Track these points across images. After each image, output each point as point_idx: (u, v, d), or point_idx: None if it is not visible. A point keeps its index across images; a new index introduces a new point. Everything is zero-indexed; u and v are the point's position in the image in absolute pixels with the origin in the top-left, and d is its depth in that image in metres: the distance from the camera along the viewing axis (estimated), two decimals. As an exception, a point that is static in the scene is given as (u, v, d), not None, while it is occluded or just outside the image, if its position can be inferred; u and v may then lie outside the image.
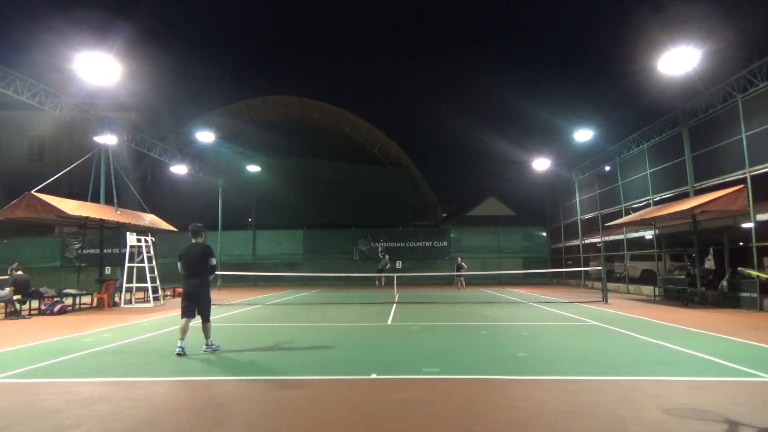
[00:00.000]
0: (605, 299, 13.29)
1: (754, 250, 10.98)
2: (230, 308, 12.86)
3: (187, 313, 6.28)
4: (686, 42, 10.73)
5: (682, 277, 14.29)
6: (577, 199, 22.11)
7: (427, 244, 27.18)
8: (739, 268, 10.86)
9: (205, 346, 6.34)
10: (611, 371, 5.04)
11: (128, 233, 14.26)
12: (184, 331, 6.17)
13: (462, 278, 21.00)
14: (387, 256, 23.94)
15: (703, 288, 12.36)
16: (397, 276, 16.67)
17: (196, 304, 6.34)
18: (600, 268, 16.55)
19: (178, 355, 5.96)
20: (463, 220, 35.75)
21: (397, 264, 25.88)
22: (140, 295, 15.09)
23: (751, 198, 10.95)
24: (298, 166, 30.49)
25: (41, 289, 12.27)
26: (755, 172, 10.98)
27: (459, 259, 21.75)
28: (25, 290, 11.57)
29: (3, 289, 11.29)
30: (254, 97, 34.39)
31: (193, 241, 6.66)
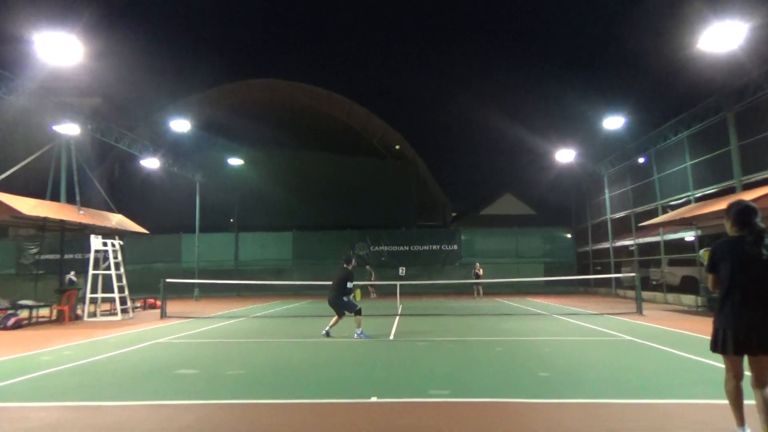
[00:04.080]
0: (640, 310, 13.26)
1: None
2: (210, 322, 12.84)
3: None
4: (731, 15, 10.69)
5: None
6: (607, 195, 22.08)
7: (434, 247, 27.19)
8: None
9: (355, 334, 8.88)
10: (647, 394, 5.01)
11: (93, 236, 14.25)
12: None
13: (480, 287, 21.44)
14: (368, 267, 24.25)
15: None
16: (401, 284, 16.65)
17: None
18: (633, 274, 16.50)
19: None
20: (475, 220, 35.74)
21: (400, 271, 25.86)
22: (106, 306, 15.09)
23: (807, 193, 10.90)
24: (286, 160, 30.54)
25: (-7, 301, 12.26)
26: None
27: (477, 265, 21.96)
28: (-26, 302, 11.57)
29: (-51, 301, 11.29)
30: (237, 80, 34.50)
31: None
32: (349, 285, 9.35)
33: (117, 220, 15.69)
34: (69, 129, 14.98)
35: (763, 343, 3.15)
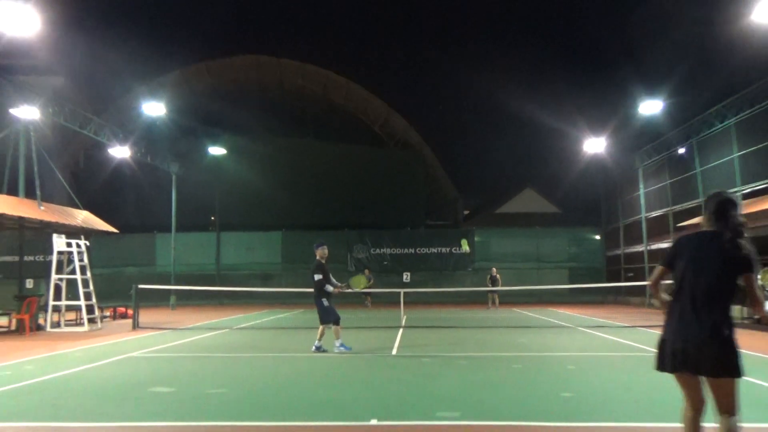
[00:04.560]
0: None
1: None
2: (188, 333, 12.92)
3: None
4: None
5: (779, 293, 14.26)
6: (642, 191, 22.08)
7: (444, 250, 27.22)
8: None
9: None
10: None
11: (55, 235, 14.33)
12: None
13: (496, 294, 21.44)
14: (367, 272, 24.24)
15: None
16: (405, 292, 16.66)
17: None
18: (671, 281, 16.52)
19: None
20: (491, 219, 35.74)
21: (405, 277, 25.89)
22: (71, 316, 15.18)
23: None
24: (275, 149, 30.56)
25: (-58, 308, 12.36)
26: None
27: (494, 270, 21.86)
28: None
29: None
30: (218, 57, 34.49)
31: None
32: (316, 277, 9.09)
33: (83, 217, 15.76)
34: (27, 112, 15.03)
35: (703, 362, 2.98)
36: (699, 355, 2.99)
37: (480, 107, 72.83)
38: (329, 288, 9.15)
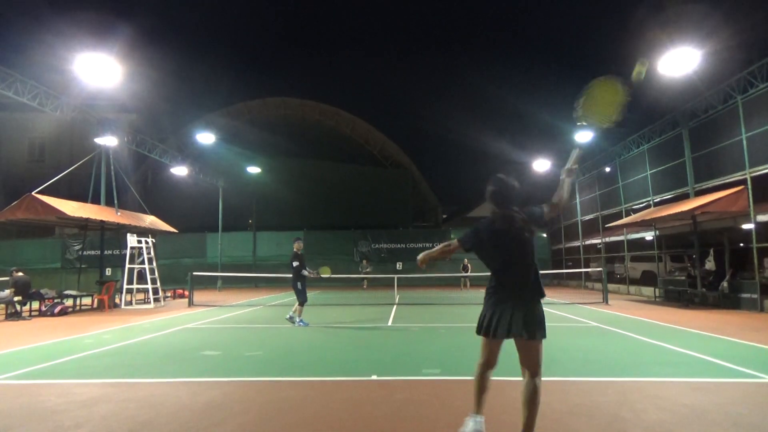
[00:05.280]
0: (606, 300, 13.28)
1: (755, 251, 10.98)
2: (231, 309, 12.86)
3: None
4: (686, 43, 10.74)
5: (683, 278, 14.28)
6: (578, 200, 22.11)
7: (427, 245, 27.05)
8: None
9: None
10: (612, 372, 5.04)
11: (129, 234, 14.29)
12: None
13: (467, 279, 21.53)
14: (365, 262, 24.19)
15: (704, 289, 12.35)
16: (398, 278, 16.67)
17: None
18: (600, 269, 16.54)
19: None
20: (463, 221, 35.73)
21: (398, 265, 25.90)
22: (141, 296, 15.10)
23: (751, 199, 10.95)
24: (298, 168, 30.52)
25: (42, 291, 12.28)
26: (756, 173, 10.98)
27: (465, 260, 22.05)
28: (25, 292, 11.58)
29: (4, 291, 11.30)
30: (255, 98, 34.51)
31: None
32: (294, 264, 8.94)
33: (150, 220, 15.70)
34: (108, 141, 15.00)
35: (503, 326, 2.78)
36: (501, 321, 2.87)
37: (455, 136, 73.16)
38: (305, 272, 9.01)
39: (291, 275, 9.10)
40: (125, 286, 13.96)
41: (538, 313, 2.85)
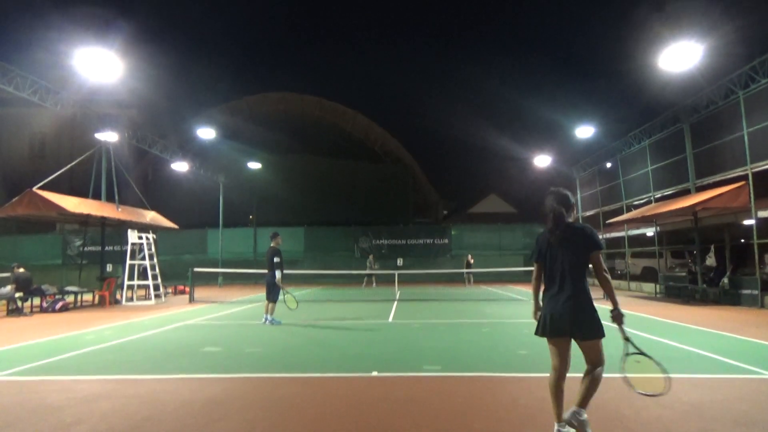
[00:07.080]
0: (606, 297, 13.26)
1: (755, 247, 10.96)
2: (231, 306, 12.88)
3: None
4: (688, 38, 10.66)
5: (683, 274, 14.28)
6: (579, 196, 22.07)
7: (428, 241, 27.15)
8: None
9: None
10: (612, 368, 5.00)
11: (129, 231, 14.27)
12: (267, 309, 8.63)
13: (471, 275, 21.49)
14: (371, 257, 24.16)
15: (704, 285, 12.35)
16: (398, 274, 16.69)
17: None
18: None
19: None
20: (464, 218, 35.71)
21: (398, 261, 25.88)
22: (141, 292, 15.12)
23: (752, 195, 10.92)
24: (299, 164, 30.49)
25: (43, 287, 12.30)
26: (757, 169, 10.94)
27: (469, 256, 22.12)
28: (26, 288, 11.60)
29: (5, 287, 11.32)
30: (255, 94, 34.42)
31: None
32: (276, 259, 8.62)
33: (151, 216, 15.69)
34: (109, 136, 14.96)
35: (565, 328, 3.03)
36: (561, 322, 3.13)
37: (457, 132, 72.96)
38: (278, 276, 8.66)
39: (267, 271, 8.70)
40: (126, 283, 13.97)
41: (589, 313, 3.20)
